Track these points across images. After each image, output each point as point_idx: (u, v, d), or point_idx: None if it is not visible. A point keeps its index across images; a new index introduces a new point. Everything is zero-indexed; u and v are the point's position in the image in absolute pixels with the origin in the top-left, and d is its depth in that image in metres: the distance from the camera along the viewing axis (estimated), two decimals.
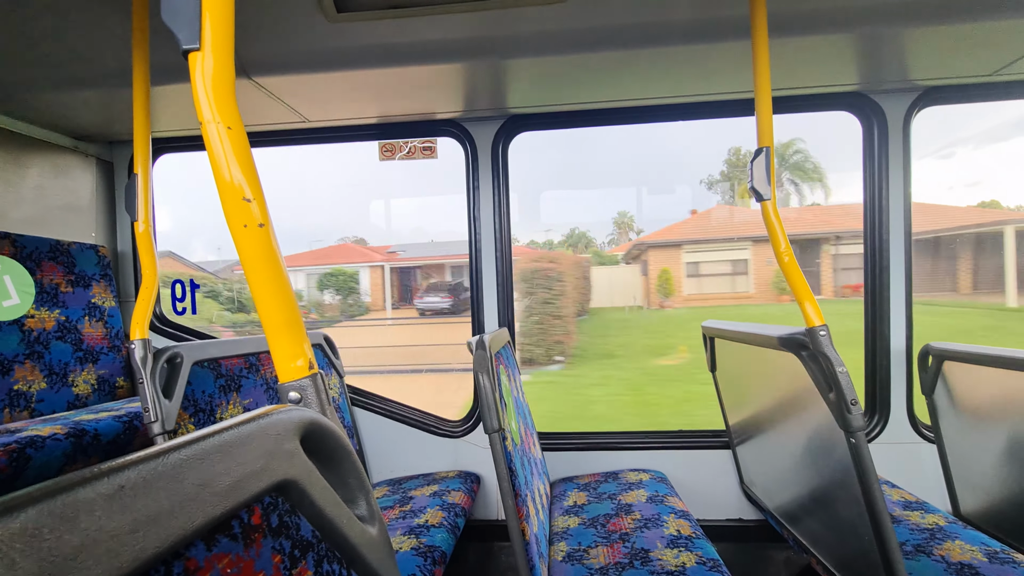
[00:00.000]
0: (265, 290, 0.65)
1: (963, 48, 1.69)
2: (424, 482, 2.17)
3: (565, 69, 1.78)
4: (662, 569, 1.45)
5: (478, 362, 1.38)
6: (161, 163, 2.49)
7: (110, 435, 1.60)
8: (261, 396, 1.74)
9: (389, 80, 1.83)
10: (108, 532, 0.34)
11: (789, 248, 1.29)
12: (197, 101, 0.62)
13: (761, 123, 1.32)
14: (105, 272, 2.25)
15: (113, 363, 2.17)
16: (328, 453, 0.61)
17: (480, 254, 2.32)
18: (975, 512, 1.87)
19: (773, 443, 1.85)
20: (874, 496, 1.23)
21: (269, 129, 2.27)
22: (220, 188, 0.63)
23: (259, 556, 0.48)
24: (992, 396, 1.70)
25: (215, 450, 0.44)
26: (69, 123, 2.15)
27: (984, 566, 1.42)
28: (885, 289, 2.12)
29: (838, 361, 1.25)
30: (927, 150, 29.01)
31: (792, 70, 1.83)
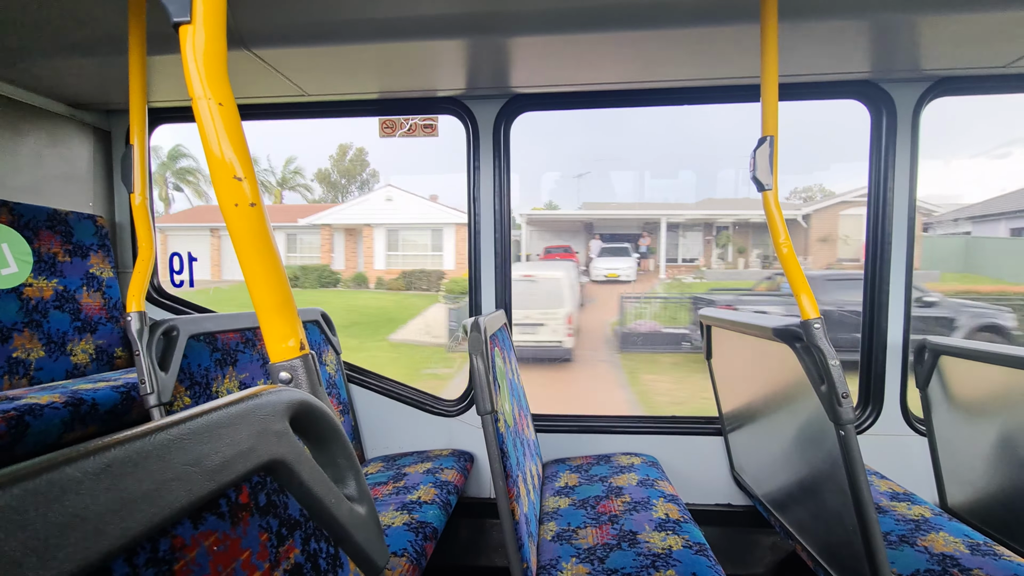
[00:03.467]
0: (256, 270, 0.64)
1: (977, 38, 1.65)
2: (418, 459, 2.20)
3: (569, 48, 1.75)
4: (649, 551, 1.48)
5: (472, 344, 1.38)
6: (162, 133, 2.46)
7: (108, 405, 1.62)
8: (257, 371, 1.75)
9: (390, 55, 1.79)
10: (94, 510, 0.34)
11: (788, 239, 1.28)
12: (188, 76, 0.61)
13: (766, 110, 1.30)
14: (103, 242, 2.24)
15: (111, 333, 2.18)
16: (318, 433, 0.61)
17: (479, 236, 2.30)
18: (961, 505, 1.90)
19: (764, 431, 1.86)
20: (860, 487, 1.24)
21: (268, 102, 2.24)
22: (211, 166, 0.62)
23: (246, 534, 0.49)
24: (986, 392, 1.71)
25: (203, 430, 0.45)
26: (65, 91, 2.11)
27: (965, 557, 1.45)
28: (885, 282, 2.11)
29: (831, 354, 1.25)
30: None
31: (800, 56, 1.79)
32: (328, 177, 27.78)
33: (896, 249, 2.09)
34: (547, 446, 2.36)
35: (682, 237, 18.47)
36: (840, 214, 17.58)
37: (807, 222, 17.78)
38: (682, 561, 1.43)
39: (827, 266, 16.93)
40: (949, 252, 16.40)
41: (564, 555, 1.50)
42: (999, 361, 1.61)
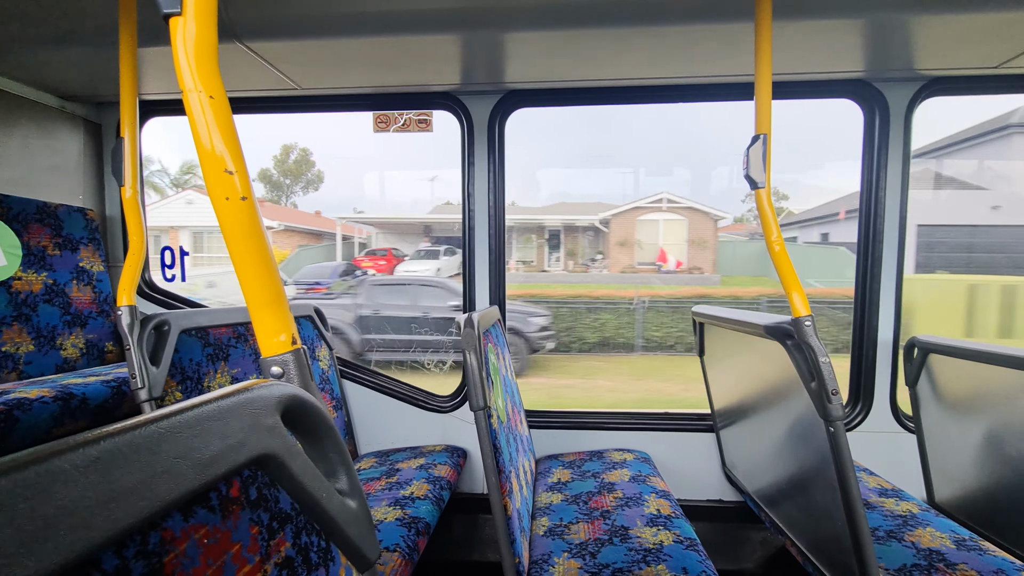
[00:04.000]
0: (248, 264, 0.64)
1: (970, 38, 1.66)
2: (411, 455, 2.20)
3: (565, 44, 1.74)
4: (640, 546, 1.49)
5: (466, 340, 1.38)
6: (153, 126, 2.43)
7: (98, 400, 1.61)
8: (249, 366, 1.74)
9: (384, 49, 1.78)
10: (83, 503, 0.34)
11: (780, 237, 1.29)
12: (179, 69, 0.60)
13: (760, 108, 1.31)
14: (93, 236, 2.22)
15: (102, 328, 2.16)
16: (309, 428, 0.61)
17: (473, 232, 2.30)
18: (948, 501, 1.92)
19: (756, 428, 1.88)
20: (849, 483, 1.26)
21: (260, 95, 2.22)
22: (202, 159, 0.61)
23: (236, 527, 0.49)
24: (973, 390, 1.73)
25: (193, 423, 0.45)
26: (55, 82, 2.09)
27: (951, 552, 1.47)
28: (876, 280, 2.13)
29: (821, 351, 1.26)
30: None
31: (794, 55, 1.80)
32: (271, 177, 27.86)
33: (887, 248, 2.11)
34: (540, 442, 2.37)
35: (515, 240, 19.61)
36: (636, 219, 18.47)
37: (607, 227, 18.70)
38: (673, 556, 1.44)
39: (623, 270, 17.88)
40: (750, 255, 17.33)
41: (556, 550, 1.50)
42: (987, 360, 1.63)
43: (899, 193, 2.09)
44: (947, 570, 1.39)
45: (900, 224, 2.10)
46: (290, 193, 28.06)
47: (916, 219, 15.48)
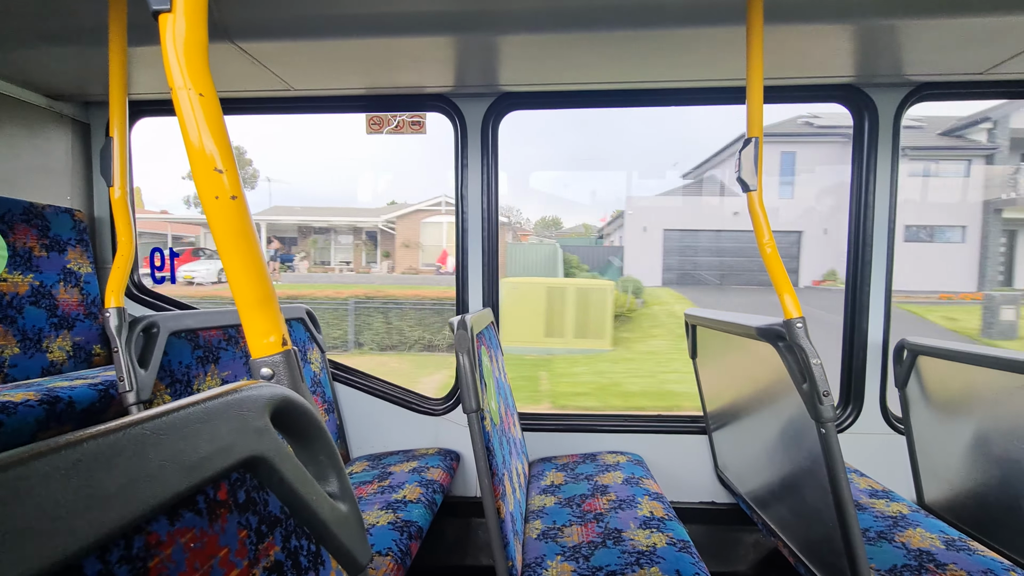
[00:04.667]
0: (237, 264, 0.63)
1: (957, 44, 1.69)
2: (404, 458, 2.19)
3: (558, 47, 1.75)
4: (633, 549, 1.49)
5: (459, 342, 1.38)
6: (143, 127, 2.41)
7: (85, 403, 1.58)
8: (240, 369, 1.72)
9: (378, 50, 1.78)
10: (64, 507, 0.33)
11: (772, 240, 1.30)
12: (168, 66, 0.60)
13: (751, 112, 1.31)
14: (81, 237, 2.19)
15: (89, 330, 2.13)
16: (300, 430, 0.60)
17: (466, 234, 2.30)
18: (938, 502, 1.94)
19: (748, 430, 1.89)
20: (840, 485, 1.26)
21: (252, 96, 2.20)
22: (191, 158, 0.61)
23: (224, 531, 0.48)
24: (962, 392, 1.74)
25: (180, 425, 0.44)
26: (42, 81, 2.06)
27: (941, 552, 1.48)
28: (866, 283, 2.15)
29: (813, 353, 1.27)
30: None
31: (785, 59, 1.82)
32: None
33: (877, 251, 2.13)
34: (533, 445, 2.36)
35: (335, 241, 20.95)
36: (421, 222, 19.46)
37: (394, 229, 19.80)
38: (666, 558, 1.44)
39: (405, 270, 19.04)
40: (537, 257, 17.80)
41: (549, 553, 1.50)
42: (975, 361, 1.65)
43: (888, 197, 2.11)
44: (937, 570, 1.40)
45: (889, 227, 2.12)
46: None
47: (665, 224, 18.14)
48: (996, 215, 16.76)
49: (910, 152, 17.41)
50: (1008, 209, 16.66)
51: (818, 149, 18.54)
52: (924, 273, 16.43)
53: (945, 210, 17.33)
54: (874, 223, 2.12)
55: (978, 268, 16.80)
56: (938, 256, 16.96)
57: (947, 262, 16.89)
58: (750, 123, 1.32)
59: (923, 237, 17.36)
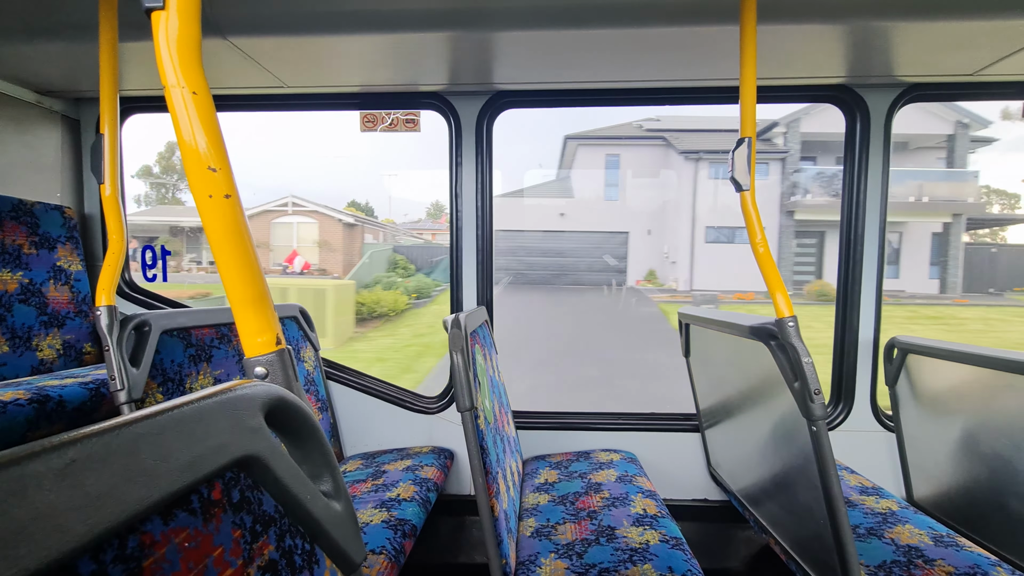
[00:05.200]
0: (231, 263, 0.63)
1: (947, 46, 1.70)
2: (398, 457, 2.19)
3: (552, 45, 1.75)
4: (626, 546, 1.50)
5: (453, 340, 1.38)
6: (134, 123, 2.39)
7: (75, 402, 1.57)
8: (233, 367, 1.71)
9: (372, 47, 1.77)
10: (58, 507, 0.33)
11: (764, 239, 1.31)
12: (160, 64, 0.59)
13: (744, 112, 1.32)
14: (71, 234, 2.17)
15: (80, 328, 2.11)
16: (294, 429, 0.60)
17: (461, 232, 2.29)
18: (926, 498, 1.96)
19: (740, 428, 1.90)
20: (831, 482, 1.28)
21: (245, 93, 2.19)
22: (184, 156, 0.60)
23: (218, 531, 0.48)
24: (951, 390, 1.77)
25: (174, 425, 0.44)
26: (31, 76, 2.04)
27: (929, 548, 1.50)
28: (857, 282, 2.17)
29: (804, 352, 1.28)
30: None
31: (779, 59, 1.83)
32: (150, 172, 28.56)
33: (868, 250, 2.15)
34: (527, 443, 2.37)
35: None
36: (271, 223, 19.62)
37: None
38: (659, 555, 1.45)
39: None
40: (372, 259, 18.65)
41: (543, 551, 1.50)
42: (964, 360, 1.67)
43: (879, 197, 2.13)
44: (925, 566, 1.42)
45: (880, 227, 2.14)
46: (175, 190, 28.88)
47: (501, 225, 18.01)
48: (789, 216, 17.67)
49: (720, 156, 18.34)
50: (799, 211, 17.59)
51: (641, 152, 19.26)
52: (726, 274, 17.24)
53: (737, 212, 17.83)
54: (865, 222, 2.14)
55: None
56: (739, 257, 17.57)
57: (748, 263, 17.22)
58: (743, 123, 1.33)
59: (722, 239, 18.19)
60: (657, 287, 17.82)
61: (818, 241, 18.23)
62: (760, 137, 18.24)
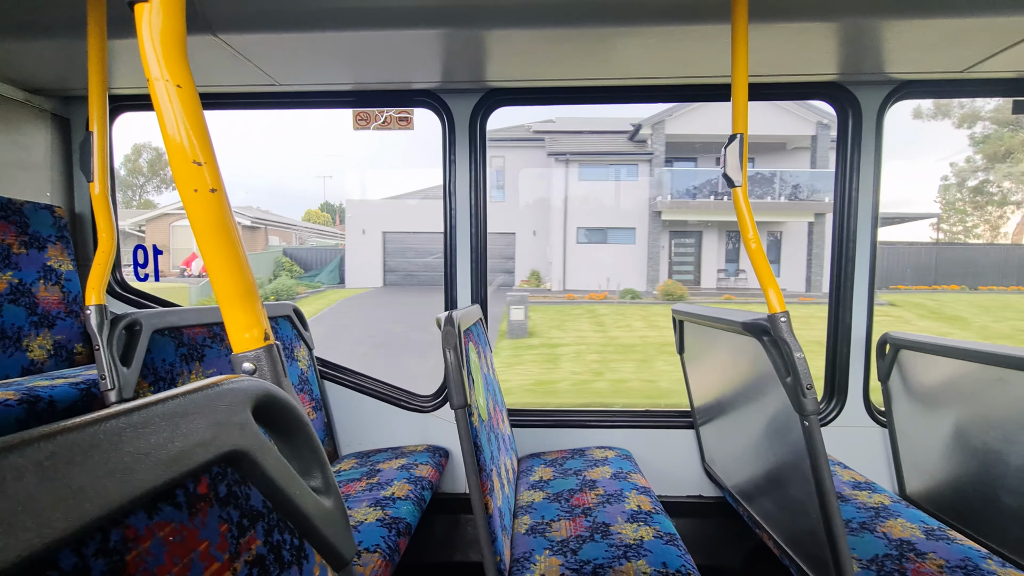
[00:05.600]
0: (217, 258, 0.62)
1: (938, 43, 1.71)
2: (392, 455, 2.18)
3: (545, 43, 1.75)
4: (621, 542, 1.50)
5: (446, 338, 1.38)
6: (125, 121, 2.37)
7: (66, 402, 1.56)
8: (225, 366, 1.70)
9: (364, 45, 1.76)
10: (39, 499, 0.33)
11: (757, 235, 1.31)
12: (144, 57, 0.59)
13: (736, 109, 1.32)
14: (62, 234, 2.15)
15: (71, 328, 2.09)
16: (283, 425, 0.60)
17: (455, 230, 2.29)
18: (918, 493, 1.98)
19: (734, 424, 1.91)
20: (823, 477, 1.28)
21: (236, 91, 2.18)
22: (169, 150, 0.60)
23: (204, 525, 0.48)
24: (942, 385, 1.78)
25: (158, 419, 0.43)
26: (20, 74, 2.02)
27: (921, 542, 1.51)
28: (850, 279, 2.18)
29: (796, 347, 1.29)
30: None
31: (771, 57, 1.83)
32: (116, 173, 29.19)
33: (860, 247, 2.16)
34: (522, 440, 2.37)
35: None
36: (171, 225, 20.05)
37: (144, 232, 20.34)
38: (653, 551, 1.45)
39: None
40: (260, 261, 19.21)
41: (537, 548, 1.51)
42: (955, 355, 1.68)
43: (871, 193, 2.14)
44: (917, 560, 1.43)
45: (872, 224, 2.15)
46: (142, 192, 29.08)
47: (383, 227, 19.24)
48: (656, 216, 18.11)
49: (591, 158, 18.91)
50: (665, 211, 17.99)
51: (526, 153, 19.55)
52: (597, 274, 17.81)
53: (620, 213, 18.62)
54: (858, 219, 2.15)
55: (646, 267, 18.17)
56: (613, 257, 18.28)
57: (620, 262, 18.30)
58: (735, 120, 1.33)
59: (594, 240, 18.76)
60: (534, 287, 18.23)
61: (696, 241, 18.77)
62: (634, 139, 18.92)
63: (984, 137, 24.80)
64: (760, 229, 18.28)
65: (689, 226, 18.58)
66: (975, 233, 26.38)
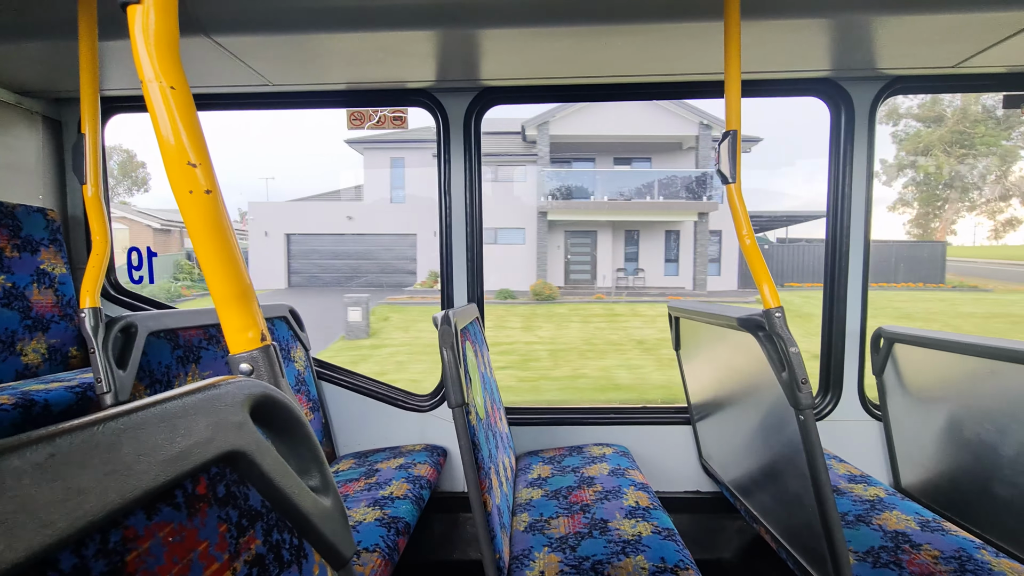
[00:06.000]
0: (213, 260, 0.62)
1: (928, 39, 1.72)
2: (391, 455, 2.18)
3: (539, 41, 1.75)
4: (619, 538, 1.51)
5: (443, 337, 1.38)
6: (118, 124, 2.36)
7: (62, 406, 1.55)
8: (222, 368, 1.70)
9: (358, 45, 1.76)
10: (38, 501, 0.33)
11: (751, 231, 1.32)
12: (137, 58, 0.59)
13: (730, 106, 1.33)
14: (55, 237, 2.14)
15: (65, 332, 2.08)
16: (281, 425, 0.60)
17: (451, 229, 2.29)
18: (913, 485, 1.99)
19: (730, 419, 1.92)
20: (819, 470, 1.29)
21: (229, 91, 2.17)
22: (163, 152, 0.60)
23: (204, 525, 0.48)
24: (936, 378, 1.79)
25: (156, 420, 0.43)
26: (10, 77, 2.00)
27: (916, 534, 1.52)
28: (843, 274, 2.19)
29: (791, 341, 1.30)
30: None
31: (764, 54, 1.84)
32: None
33: (855, 242, 2.17)
34: (520, 439, 2.37)
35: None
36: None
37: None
38: (651, 547, 1.46)
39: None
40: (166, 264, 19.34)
41: (536, 545, 1.51)
42: (948, 348, 1.69)
43: (864, 189, 2.15)
44: (912, 551, 1.44)
45: (865, 219, 2.16)
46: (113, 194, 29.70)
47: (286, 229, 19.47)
48: (543, 217, 18.42)
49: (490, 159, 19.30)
50: (551, 212, 18.31)
51: (424, 154, 19.92)
52: (492, 274, 17.78)
53: (510, 213, 19.01)
54: (851, 214, 2.16)
55: (536, 267, 18.56)
56: (504, 257, 18.64)
57: (511, 262, 18.68)
58: (729, 116, 1.34)
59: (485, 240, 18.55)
60: (428, 288, 18.49)
61: (591, 241, 19.11)
62: (526, 140, 19.28)
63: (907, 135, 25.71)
64: (656, 229, 18.66)
65: (585, 226, 18.88)
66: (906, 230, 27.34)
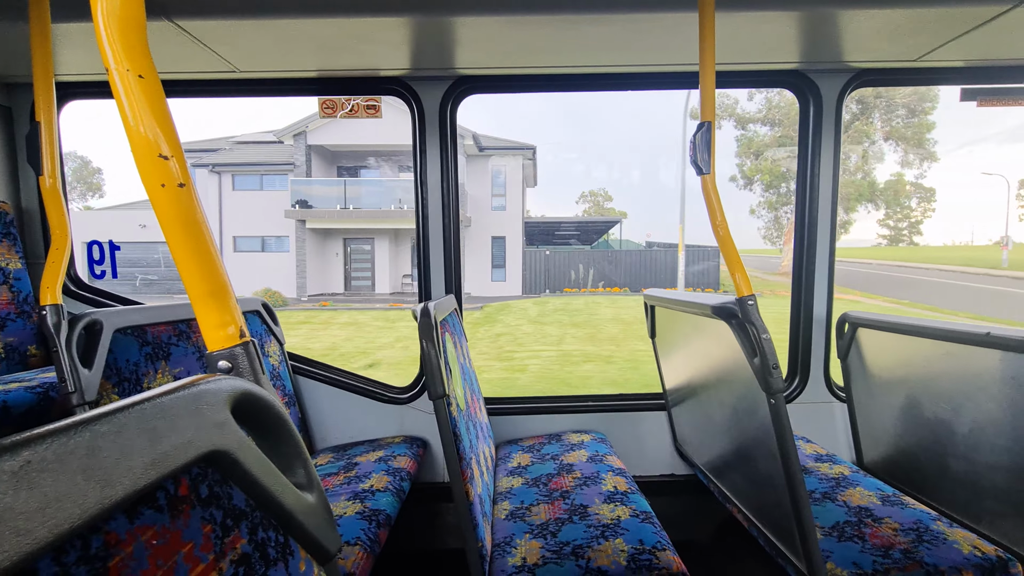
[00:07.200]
0: (187, 255, 0.61)
1: (893, 32, 1.78)
2: (370, 448, 2.17)
3: (514, 30, 1.74)
4: (598, 522, 1.54)
5: (422, 329, 1.37)
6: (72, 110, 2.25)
7: (22, 407, 1.49)
8: (194, 364, 1.66)
9: (329, 31, 1.71)
10: (14, 510, 0.32)
11: (724, 222, 1.35)
12: (101, 44, 0.56)
13: (704, 97, 1.35)
14: (8, 231, 2.03)
15: (23, 330, 1.99)
16: (262, 422, 0.59)
17: (427, 220, 2.27)
18: (876, 462, 2.09)
19: (704, 404, 1.97)
20: (788, 451, 1.34)
21: (193, 78, 2.09)
22: (132, 144, 0.57)
23: (187, 526, 0.47)
24: (897, 360, 1.88)
25: (135, 422, 0.42)
26: None
27: (878, 508, 1.60)
28: (811, 261, 2.26)
29: (763, 328, 1.34)
30: None
31: (736, 46, 1.87)
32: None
33: (821, 231, 2.24)
34: (499, 428, 2.39)
35: None
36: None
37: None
38: (629, 529, 1.49)
39: None
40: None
41: (518, 532, 1.53)
42: (907, 331, 1.77)
43: (831, 179, 2.22)
44: (874, 524, 1.52)
45: (832, 208, 2.24)
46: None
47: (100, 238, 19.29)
48: (303, 225, 18.97)
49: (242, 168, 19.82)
50: (309, 220, 18.82)
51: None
52: (255, 281, 18.73)
53: (273, 222, 19.47)
54: (819, 203, 2.23)
55: (295, 274, 19.17)
56: (269, 264, 19.39)
57: (276, 270, 19.37)
58: (703, 108, 1.36)
59: (252, 248, 19.83)
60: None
61: (371, 248, 19.66)
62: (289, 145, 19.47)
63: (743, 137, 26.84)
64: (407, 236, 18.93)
65: (365, 234, 19.33)
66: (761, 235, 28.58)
